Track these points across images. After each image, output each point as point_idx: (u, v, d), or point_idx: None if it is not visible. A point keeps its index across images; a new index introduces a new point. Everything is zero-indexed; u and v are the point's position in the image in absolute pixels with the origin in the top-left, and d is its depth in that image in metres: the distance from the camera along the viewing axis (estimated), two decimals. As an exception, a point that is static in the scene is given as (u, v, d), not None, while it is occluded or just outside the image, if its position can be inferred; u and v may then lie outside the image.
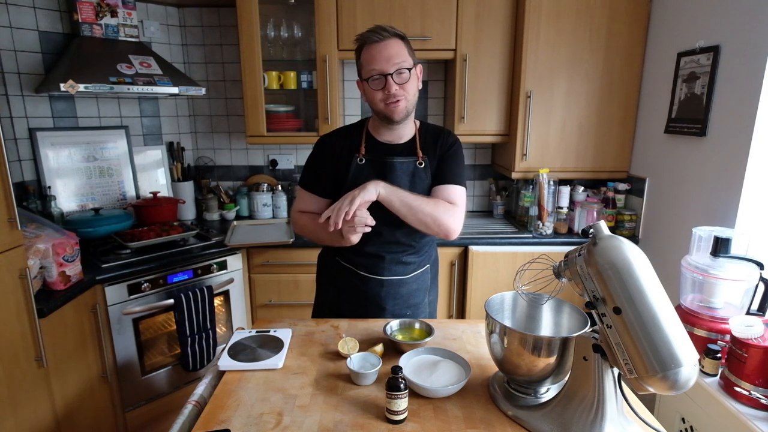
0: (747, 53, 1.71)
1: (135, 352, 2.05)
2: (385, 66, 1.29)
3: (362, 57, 1.33)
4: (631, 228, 2.44)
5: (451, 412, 1.04)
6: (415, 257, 1.50)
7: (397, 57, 1.29)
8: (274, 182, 2.84)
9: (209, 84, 2.77)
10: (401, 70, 1.30)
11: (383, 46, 1.29)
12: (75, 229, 1.99)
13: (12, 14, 2.10)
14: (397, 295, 1.49)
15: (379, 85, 1.31)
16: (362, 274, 1.48)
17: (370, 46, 1.30)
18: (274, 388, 1.12)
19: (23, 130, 2.20)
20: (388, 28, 1.32)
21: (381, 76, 1.30)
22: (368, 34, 1.31)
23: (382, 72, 1.29)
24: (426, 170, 1.43)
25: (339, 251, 1.50)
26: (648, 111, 2.35)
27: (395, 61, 1.29)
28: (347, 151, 1.44)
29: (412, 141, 1.45)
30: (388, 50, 1.29)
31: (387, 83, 1.30)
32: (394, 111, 1.33)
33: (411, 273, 1.50)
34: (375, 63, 1.29)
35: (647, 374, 0.82)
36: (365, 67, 1.32)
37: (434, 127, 1.50)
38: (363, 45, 1.33)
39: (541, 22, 2.30)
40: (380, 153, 1.43)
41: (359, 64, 1.35)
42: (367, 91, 1.35)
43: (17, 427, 1.55)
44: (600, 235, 0.92)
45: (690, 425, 1.51)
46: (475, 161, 2.93)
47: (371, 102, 1.36)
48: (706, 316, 1.56)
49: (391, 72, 1.29)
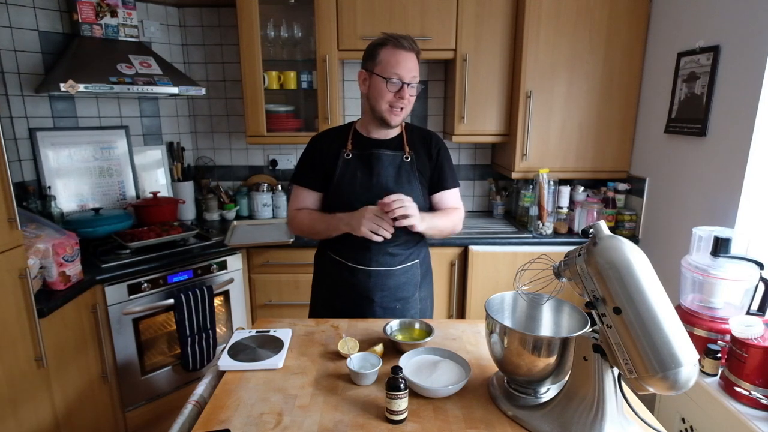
0: (747, 53, 1.71)
1: (135, 352, 2.05)
2: (406, 75, 1.38)
3: (384, 55, 1.38)
4: (631, 228, 2.44)
5: (451, 412, 1.04)
6: (402, 249, 1.54)
7: (416, 71, 1.40)
8: (274, 182, 2.84)
9: (209, 84, 2.77)
10: (414, 85, 1.40)
11: (410, 56, 1.39)
12: (75, 229, 1.99)
13: (12, 14, 2.10)
14: (384, 286, 1.53)
15: (394, 88, 1.38)
16: (351, 266, 1.52)
17: (399, 50, 1.37)
18: (274, 388, 1.13)
19: (23, 130, 2.20)
20: (416, 43, 1.41)
21: (399, 82, 1.37)
22: (399, 38, 1.38)
23: (402, 79, 1.37)
24: (412, 165, 1.51)
25: (331, 245, 1.56)
26: (648, 111, 2.35)
27: (414, 74, 1.39)
28: (335, 148, 1.52)
29: (398, 137, 1.54)
30: (413, 61, 1.39)
31: (402, 90, 1.38)
32: (395, 117, 1.43)
33: (398, 265, 1.53)
34: (399, 68, 1.37)
35: (647, 374, 0.82)
36: (387, 66, 1.37)
37: (419, 128, 1.60)
38: (387, 44, 1.39)
39: (541, 22, 2.30)
40: (367, 147, 1.51)
41: (377, 60, 1.39)
42: (376, 86, 1.40)
43: (17, 427, 1.55)
44: (600, 235, 0.92)
45: (690, 425, 1.51)
46: (475, 161, 2.93)
47: (376, 98, 1.41)
48: (706, 316, 1.56)
49: (408, 82, 1.38)
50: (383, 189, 1.45)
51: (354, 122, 1.58)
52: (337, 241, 1.52)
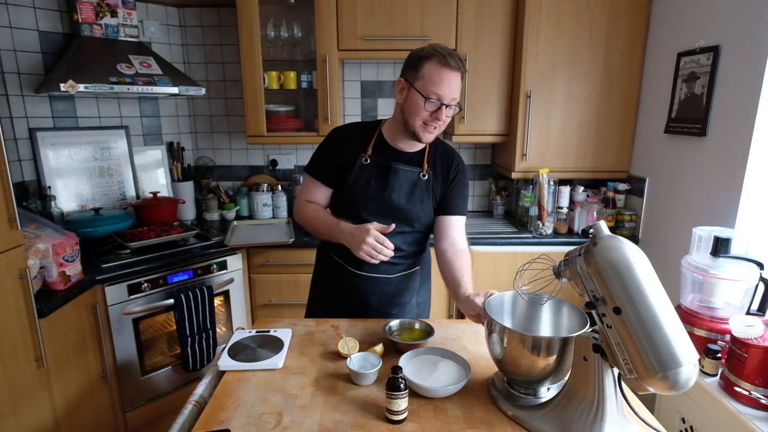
0: (747, 53, 1.71)
1: (135, 352, 2.05)
2: (448, 95, 1.30)
3: (428, 70, 1.30)
4: (631, 228, 2.44)
5: (451, 412, 1.04)
6: (404, 259, 1.52)
7: (458, 92, 1.33)
8: (274, 182, 2.84)
9: (209, 84, 2.77)
10: (452, 106, 1.33)
11: (455, 76, 1.30)
12: (75, 229, 1.99)
13: (12, 14, 2.10)
14: (382, 292, 1.52)
15: (432, 107, 1.31)
16: (351, 270, 1.50)
17: (444, 69, 1.29)
18: (274, 388, 1.12)
19: (23, 130, 2.20)
20: (464, 63, 1.33)
21: (438, 102, 1.30)
22: (447, 55, 1.29)
23: (442, 100, 1.30)
24: (428, 183, 1.46)
25: (333, 246, 1.53)
26: (648, 111, 2.35)
27: (455, 96, 1.32)
28: (355, 148, 1.46)
29: (421, 152, 1.48)
30: (456, 82, 1.31)
31: (440, 111, 1.31)
32: (428, 134, 1.36)
33: (398, 273, 1.52)
34: (443, 87, 1.29)
35: (647, 374, 0.82)
36: (429, 83, 1.29)
37: (444, 145, 1.53)
38: (433, 58, 1.30)
39: (541, 21, 2.30)
40: (387, 157, 1.45)
41: (419, 72, 1.31)
42: (414, 100, 1.32)
43: (17, 427, 1.55)
44: (600, 235, 0.92)
45: (690, 425, 1.51)
46: (475, 161, 2.93)
47: (411, 113, 1.34)
48: (706, 316, 1.56)
49: (448, 104, 1.31)
50: (394, 204, 1.43)
51: (381, 122, 1.50)
52: (341, 245, 1.47)
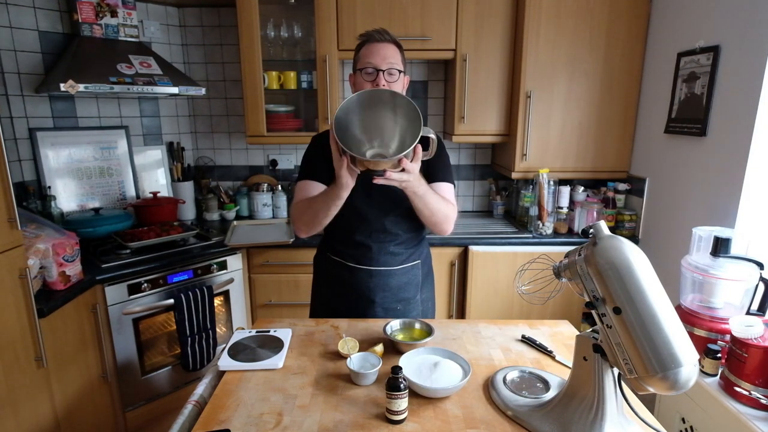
0: (747, 53, 1.71)
1: (135, 352, 2.05)
2: (379, 62, 1.39)
3: (361, 51, 1.44)
4: (631, 228, 2.44)
5: (451, 412, 1.04)
6: (403, 248, 1.53)
7: (392, 58, 1.41)
8: (274, 182, 2.84)
9: (209, 84, 2.77)
10: (392, 71, 1.40)
11: (382, 46, 1.41)
12: (75, 229, 1.99)
13: (12, 14, 2.10)
14: (386, 287, 1.52)
15: (369, 77, 1.40)
16: (351, 266, 1.51)
17: (372, 43, 1.42)
18: (274, 388, 1.13)
19: (23, 130, 2.20)
20: (391, 34, 1.44)
21: (374, 70, 1.39)
22: (372, 32, 1.43)
23: (376, 67, 1.39)
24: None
25: (330, 246, 1.55)
26: (648, 111, 2.35)
27: (389, 61, 1.40)
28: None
29: None
30: (385, 50, 1.41)
31: (377, 77, 1.39)
32: None
33: (399, 264, 1.52)
34: (371, 57, 1.40)
35: (647, 374, 0.82)
36: (361, 59, 1.42)
37: None
38: (365, 42, 1.44)
39: (541, 21, 2.30)
40: None
41: (356, 58, 1.46)
42: (357, 82, 1.44)
43: (17, 427, 1.55)
44: (600, 235, 0.92)
45: (690, 425, 1.51)
46: (475, 161, 2.93)
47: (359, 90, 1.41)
48: (706, 316, 1.56)
49: (383, 69, 1.39)
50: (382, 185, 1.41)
51: None
52: (337, 241, 1.52)
